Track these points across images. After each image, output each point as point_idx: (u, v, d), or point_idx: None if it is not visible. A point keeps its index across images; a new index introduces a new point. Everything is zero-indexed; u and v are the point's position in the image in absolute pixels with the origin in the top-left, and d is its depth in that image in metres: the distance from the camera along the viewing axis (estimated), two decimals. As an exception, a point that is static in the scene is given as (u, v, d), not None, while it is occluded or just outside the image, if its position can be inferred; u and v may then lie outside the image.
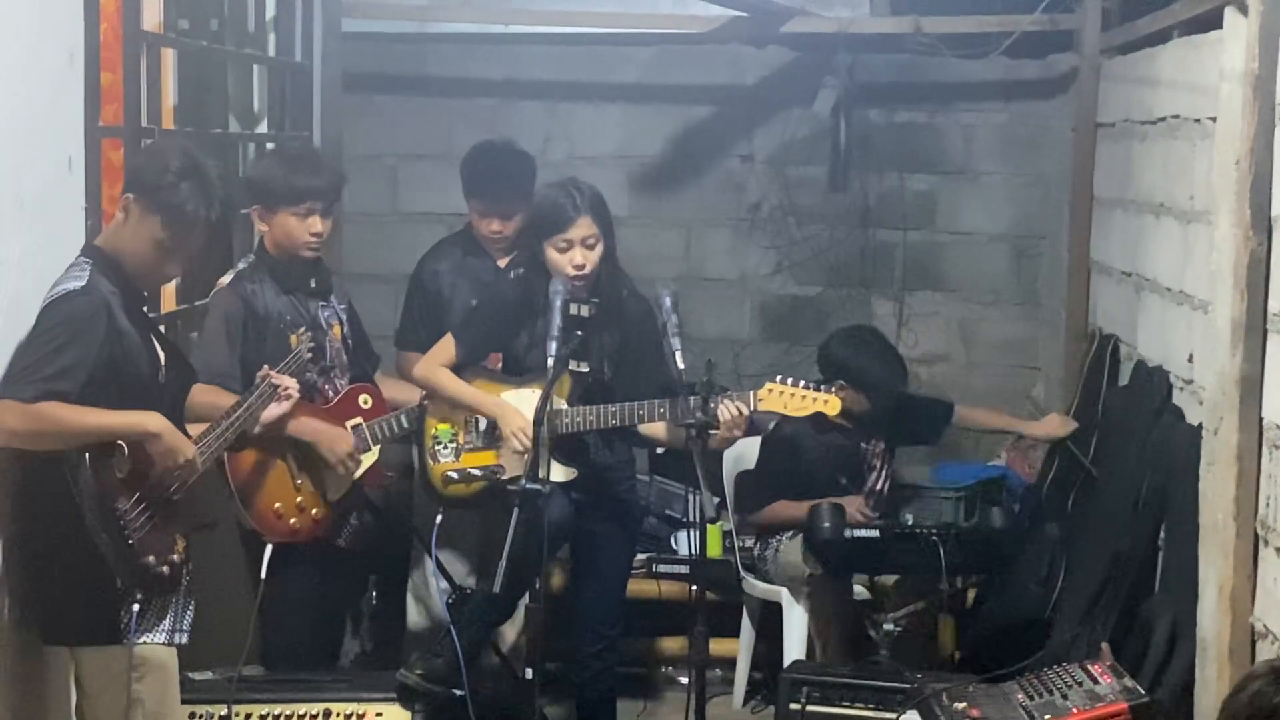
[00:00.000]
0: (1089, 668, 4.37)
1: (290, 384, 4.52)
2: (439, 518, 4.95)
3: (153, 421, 3.91)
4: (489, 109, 7.12)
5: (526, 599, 4.68)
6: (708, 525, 4.69)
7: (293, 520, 4.79)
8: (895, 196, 7.19)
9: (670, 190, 7.24)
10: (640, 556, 5.90)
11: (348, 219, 6.54)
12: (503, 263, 5.67)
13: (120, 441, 3.87)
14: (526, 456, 4.59)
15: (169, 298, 5.13)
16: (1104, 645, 4.48)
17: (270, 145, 5.89)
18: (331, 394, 4.94)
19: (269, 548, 4.67)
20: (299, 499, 4.81)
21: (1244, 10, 4.22)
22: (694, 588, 4.69)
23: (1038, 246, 7.14)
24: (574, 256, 4.85)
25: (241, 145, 5.90)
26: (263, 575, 4.66)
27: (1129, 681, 4.29)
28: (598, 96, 7.20)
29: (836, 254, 7.23)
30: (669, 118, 7.23)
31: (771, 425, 5.81)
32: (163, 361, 4.11)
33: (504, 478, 4.88)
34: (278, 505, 4.77)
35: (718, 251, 7.29)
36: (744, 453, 6.06)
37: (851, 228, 7.21)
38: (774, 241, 7.26)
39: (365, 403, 5.01)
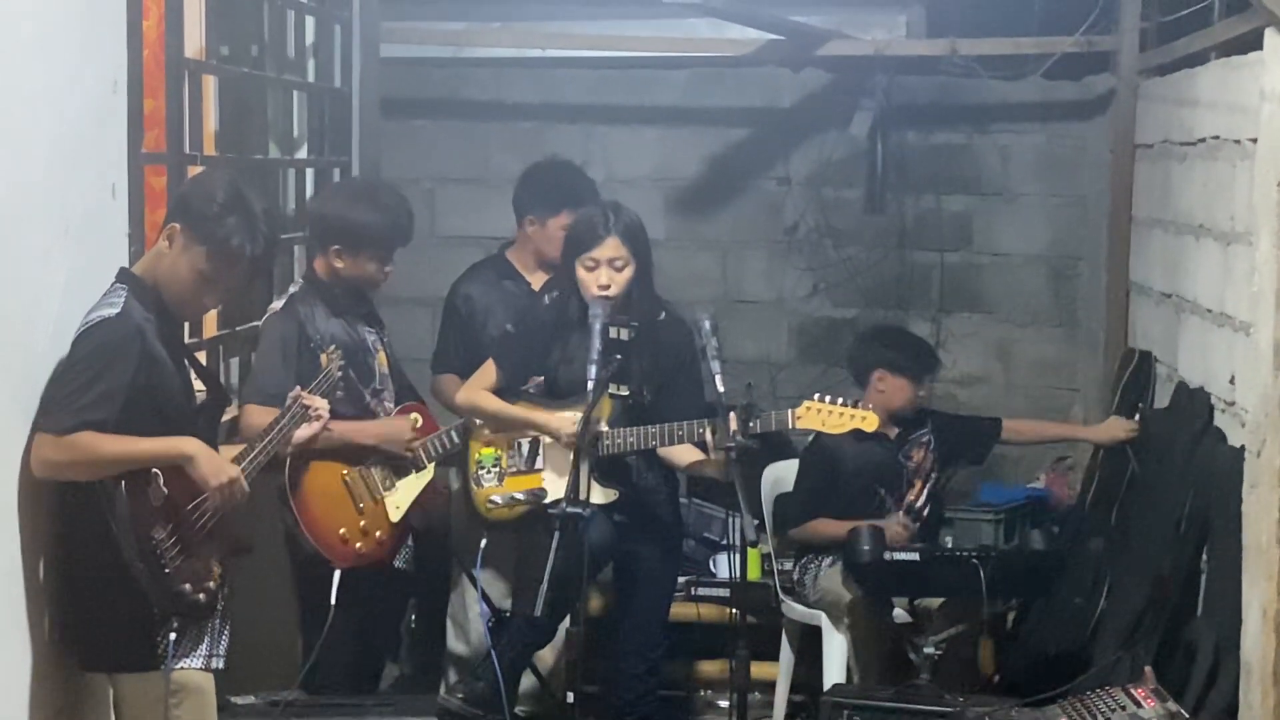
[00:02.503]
0: (1132, 691, 4.36)
1: (321, 404, 4.52)
2: (484, 542, 4.97)
3: (189, 446, 3.93)
4: (526, 133, 7.14)
5: (567, 622, 4.69)
6: (760, 549, 4.68)
7: (358, 544, 4.81)
8: (932, 218, 7.17)
9: (707, 212, 7.24)
10: (679, 579, 5.89)
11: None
12: (537, 285, 5.69)
13: (155, 469, 3.89)
14: (567, 479, 4.60)
15: (210, 323, 5.16)
16: (1147, 669, 4.46)
17: (328, 177, 5.91)
18: (382, 415, 4.96)
19: (337, 574, 4.68)
20: (363, 522, 4.82)
21: (1285, 31, 4.21)
22: (734, 611, 4.70)
23: (1075, 267, 7.11)
24: (599, 276, 4.89)
25: (282, 171, 5.93)
26: (333, 602, 4.67)
27: (1173, 705, 4.27)
28: (634, 119, 7.21)
29: (873, 276, 7.22)
30: (705, 140, 7.23)
31: (810, 439, 5.81)
32: (198, 387, 4.13)
33: (546, 501, 4.89)
34: (343, 530, 4.78)
35: (754, 273, 7.28)
36: (783, 475, 6.07)
37: (888, 249, 7.20)
38: (811, 263, 7.25)
39: (416, 422, 5.03)
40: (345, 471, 4.85)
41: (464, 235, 7.11)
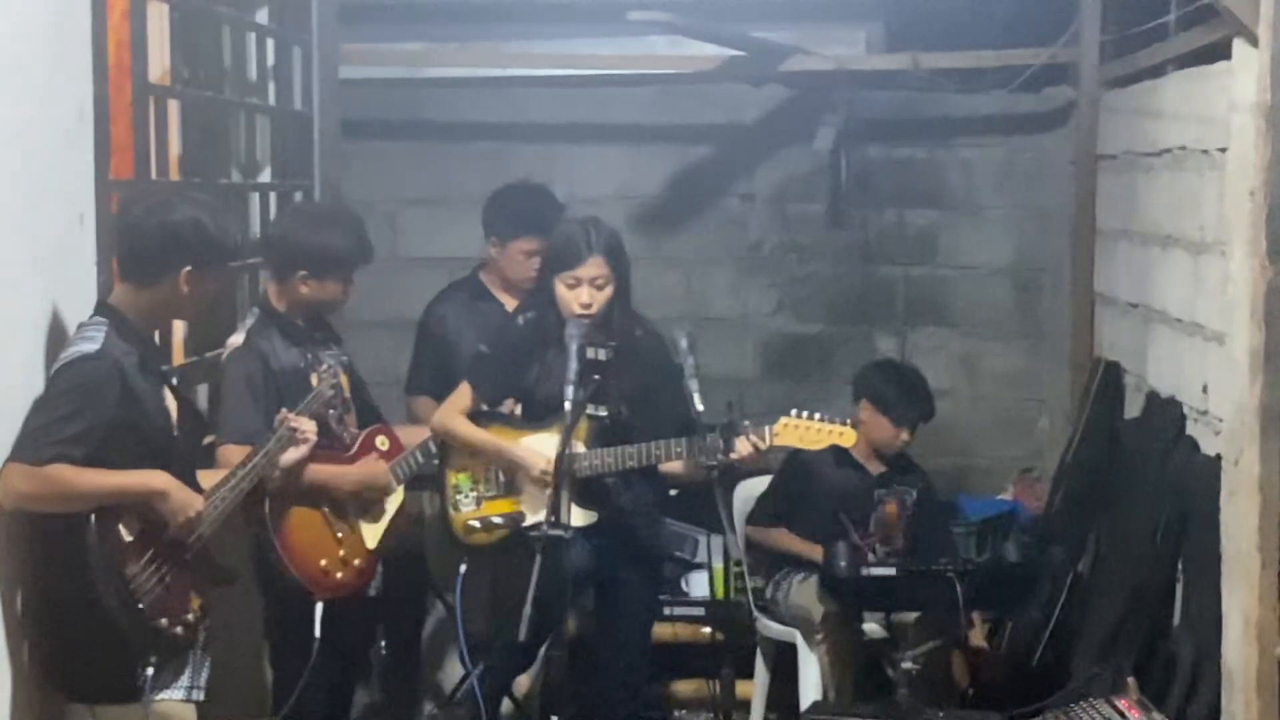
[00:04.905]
0: (1116, 703, 4.38)
1: (308, 427, 4.49)
2: (463, 568, 4.93)
3: (158, 480, 3.90)
4: (488, 153, 7.09)
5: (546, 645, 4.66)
6: (733, 567, 4.66)
7: (339, 574, 4.75)
8: (896, 232, 7.18)
9: (671, 230, 7.22)
10: (653, 599, 5.85)
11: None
12: (510, 306, 5.66)
13: (126, 505, 3.85)
14: (547, 502, 4.56)
15: (177, 350, 5.11)
16: (1130, 680, 4.46)
17: (290, 200, 5.88)
18: (347, 439, 4.92)
19: (319, 606, 4.63)
20: (341, 552, 4.77)
21: (1254, 42, 4.22)
22: (714, 630, 4.68)
23: (1039, 279, 7.13)
24: (581, 295, 4.85)
25: (242, 193, 5.87)
26: (317, 634, 4.61)
27: (1157, 716, 4.29)
28: (597, 138, 7.18)
29: (838, 291, 7.22)
30: (668, 158, 7.21)
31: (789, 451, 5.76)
32: (175, 417, 4.09)
33: (525, 524, 4.86)
34: (324, 562, 4.72)
35: (719, 290, 7.27)
36: (756, 492, 6.03)
37: (852, 264, 7.20)
38: (775, 279, 7.25)
39: (383, 444, 4.99)
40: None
41: (425, 257, 7.06)
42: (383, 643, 5.63)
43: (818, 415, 4.82)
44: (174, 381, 4.25)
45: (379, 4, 6.87)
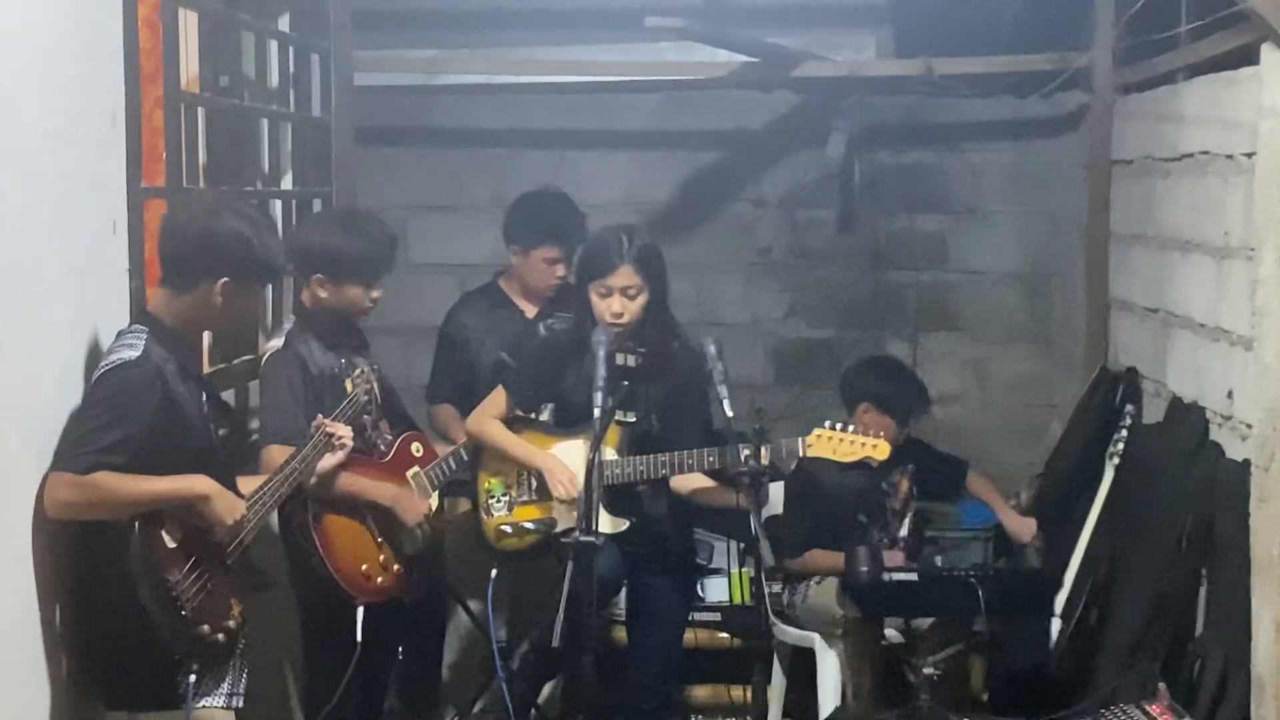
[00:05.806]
0: (1147, 708, 4.36)
1: (345, 432, 4.50)
2: (494, 572, 4.92)
3: (201, 485, 3.89)
4: (498, 159, 7.10)
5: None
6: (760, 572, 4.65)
7: (380, 579, 4.77)
8: (906, 237, 7.18)
9: (680, 236, 7.19)
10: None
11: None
12: (531, 313, 5.66)
13: (169, 511, 3.84)
14: (578, 509, 4.55)
15: (205, 357, 5.09)
16: (1161, 685, 4.46)
17: (309, 207, 5.87)
18: (382, 446, 4.92)
19: (360, 610, 4.62)
20: (382, 557, 4.78)
21: (1285, 47, 4.24)
22: (732, 635, 4.66)
23: (1049, 284, 7.14)
24: (613, 304, 4.85)
25: (263, 200, 5.86)
26: (358, 639, 4.60)
27: (1189, 721, 4.28)
28: (606, 144, 7.19)
29: (848, 296, 7.23)
30: (677, 164, 7.22)
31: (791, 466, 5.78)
32: (214, 421, 4.09)
33: (557, 530, 4.85)
34: (365, 566, 4.73)
35: (729, 296, 7.27)
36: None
37: (863, 269, 7.21)
38: (785, 285, 7.25)
39: (418, 450, 5.01)
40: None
41: (436, 263, 7.06)
42: (400, 648, 5.64)
43: (851, 428, 4.82)
44: (211, 386, 4.25)
45: (392, 11, 6.86)
